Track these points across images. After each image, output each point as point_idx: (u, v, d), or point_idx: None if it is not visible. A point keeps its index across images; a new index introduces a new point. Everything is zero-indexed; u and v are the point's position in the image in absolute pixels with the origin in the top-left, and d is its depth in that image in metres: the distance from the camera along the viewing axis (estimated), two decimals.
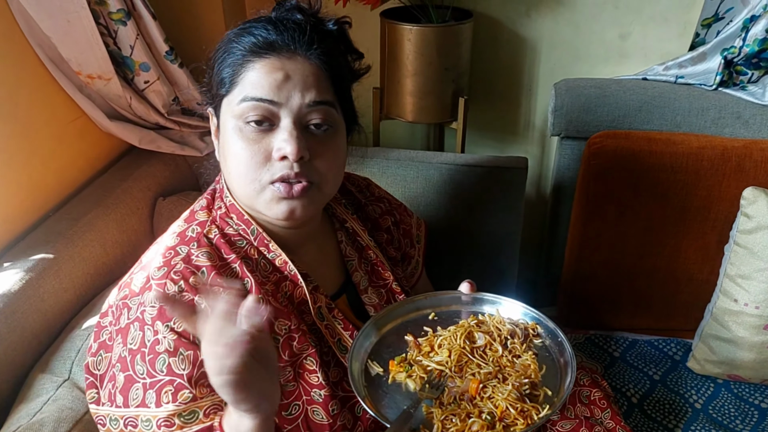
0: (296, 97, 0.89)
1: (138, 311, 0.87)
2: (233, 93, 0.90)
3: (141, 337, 0.85)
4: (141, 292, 0.88)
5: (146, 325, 0.85)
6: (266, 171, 0.89)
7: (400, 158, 1.51)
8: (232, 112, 0.90)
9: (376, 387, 0.92)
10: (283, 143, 0.88)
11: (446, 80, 1.55)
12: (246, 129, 0.89)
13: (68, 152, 1.37)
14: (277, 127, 0.89)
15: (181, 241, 0.93)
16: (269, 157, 0.89)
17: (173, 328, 0.85)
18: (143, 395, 0.84)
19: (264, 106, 0.88)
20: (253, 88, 0.88)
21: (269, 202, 0.91)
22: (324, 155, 0.92)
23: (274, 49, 0.89)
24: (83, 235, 1.26)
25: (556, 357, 0.98)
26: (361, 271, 1.08)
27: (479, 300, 1.07)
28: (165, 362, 0.84)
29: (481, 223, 1.51)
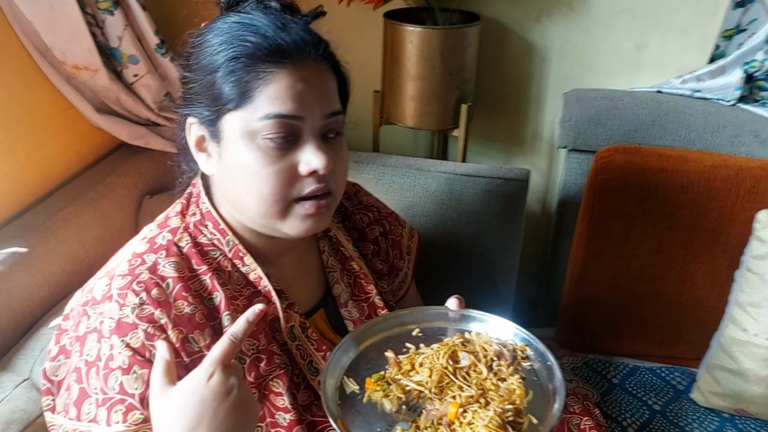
0: (317, 108, 0.84)
1: (97, 321, 0.82)
2: (246, 109, 0.82)
3: (97, 350, 0.81)
4: (102, 301, 0.83)
5: (103, 337, 0.81)
6: (293, 188, 0.85)
7: (396, 165, 1.45)
8: (247, 129, 0.82)
9: (349, 406, 0.86)
10: (312, 158, 0.83)
11: (449, 86, 1.48)
12: (267, 146, 0.82)
13: (54, 144, 1.33)
14: (300, 141, 0.84)
15: (149, 249, 0.88)
16: (295, 174, 0.84)
17: (129, 344, 0.80)
18: (95, 411, 0.80)
19: (289, 122, 0.82)
20: (274, 104, 0.81)
21: (295, 220, 0.87)
22: (340, 164, 0.89)
23: (287, 56, 0.82)
24: (59, 230, 1.22)
25: (544, 382, 0.91)
26: (342, 284, 1.03)
27: (467, 317, 1.00)
28: (118, 380, 0.80)
29: (479, 237, 1.44)
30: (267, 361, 0.88)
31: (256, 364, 0.87)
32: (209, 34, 0.85)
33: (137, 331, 0.80)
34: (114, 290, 0.83)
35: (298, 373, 0.92)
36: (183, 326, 0.83)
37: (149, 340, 0.80)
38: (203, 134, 0.88)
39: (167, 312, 0.82)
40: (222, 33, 0.84)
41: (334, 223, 1.07)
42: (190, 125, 0.89)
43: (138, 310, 0.81)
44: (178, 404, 0.73)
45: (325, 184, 0.86)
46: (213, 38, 0.84)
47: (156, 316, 0.81)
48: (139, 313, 0.81)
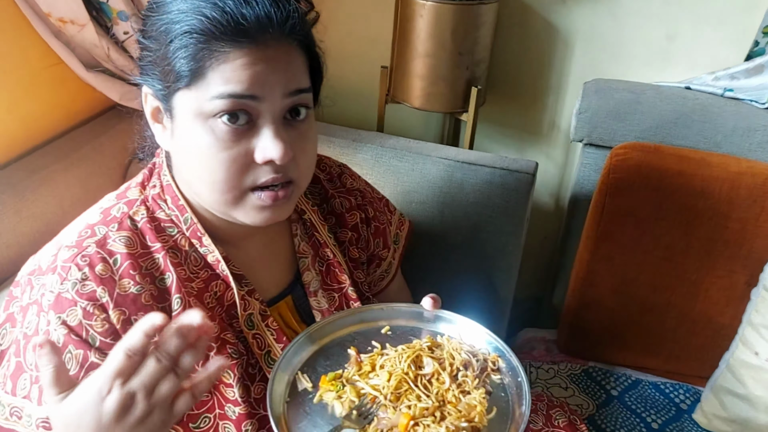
0: (278, 87, 0.76)
1: (39, 293, 0.77)
2: (198, 87, 0.74)
3: (36, 324, 0.76)
4: (46, 272, 0.78)
5: (42, 311, 0.76)
6: (247, 177, 0.77)
7: (396, 147, 1.37)
8: (199, 109, 0.75)
9: (298, 404, 0.81)
10: (268, 145, 0.76)
11: (460, 66, 1.39)
12: (219, 129, 0.75)
13: (40, 101, 1.28)
14: (256, 125, 0.76)
15: (102, 220, 0.82)
16: (250, 161, 0.77)
17: (65, 322, 0.75)
18: (29, 388, 0.76)
19: (244, 102, 0.74)
20: (228, 83, 0.73)
21: (249, 210, 0.80)
22: (304, 149, 0.81)
23: (245, 34, 0.73)
24: (37, 189, 1.17)
25: (512, 400, 0.83)
26: (313, 271, 0.96)
27: (440, 318, 0.93)
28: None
29: (478, 230, 1.35)
30: (217, 351, 0.83)
31: (205, 353, 0.82)
32: (168, 1, 0.77)
33: (75, 308, 0.75)
34: (59, 262, 0.78)
35: (254, 363, 0.87)
36: (126, 307, 0.77)
37: (87, 319, 0.75)
38: (158, 106, 0.81)
39: (110, 290, 0.77)
40: (181, 0, 0.75)
41: (310, 206, 0.99)
42: (145, 95, 0.82)
43: (79, 285, 0.76)
44: (74, 417, 0.64)
45: (282, 174, 0.79)
46: (170, 3, 0.76)
47: (98, 294, 0.76)
48: (79, 289, 0.76)
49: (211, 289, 0.85)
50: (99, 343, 0.76)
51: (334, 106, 0.99)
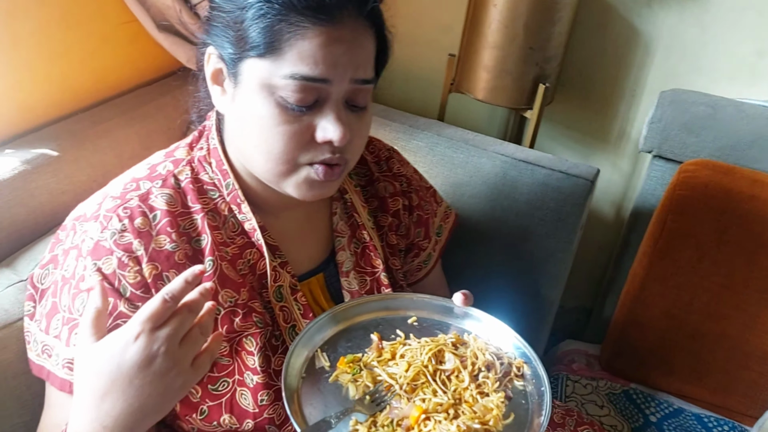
0: (348, 72, 0.76)
1: (80, 238, 0.80)
2: (272, 61, 0.75)
3: (74, 268, 0.79)
4: (90, 219, 0.81)
5: (81, 256, 0.78)
6: (305, 153, 0.79)
7: (452, 137, 1.34)
8: (269, 81, 0.75)
9: (313, 381, 0.81)
10: (330, 126, 0.77)
11: (529, 61, 1.34)
12: (285, 105, 0.76)
13: (112, 55, 1.31)
14: (322, 105, 0.77)
15: (148, 176, 0.84)
16: (309, 138, 0.78)
17: (100, 269, 0.77)
18: (61, 328, 0.78)
19: (316, 86, 0.75)
20: (304, 63, 0.74)
21: (301, 184, 0.81)
22: (359, 134, 0.82)
23: (325, 11, 0.73)
24: (97, 140, 1.21)
25: (532, 407, 0.80)
26: (348, 251, 0.95)
27: (470, 316, 0.91)
28: (83, 302, 0.77)
29: (528, 232, 1.31)
30: (243, 317, 0.83)
31: (230, 318, 0.82)
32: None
33: (111, 257, 0.77)
34: (102, 211, 0.80)
35: (277, 335, 0.87)
36: (159, 262, 0.79)
37: (121, 270, 0.77)
38: (222, 68, 0.81)
39: (146, 244, 0.78)
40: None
41: (353, 186, 0.98)
42: (209, 55, 0.82)
43: (117, 236, 0.78)
44: (96, 364, 0.66)
45: (339, 155, 0.80)
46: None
47: (134, 247, 0.78)
48: (117, 239, 0.78)
49: (245, 256, 0.86)
50: (129, 294, 0.77)
51: (390, 89, 0.97)
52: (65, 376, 0.78)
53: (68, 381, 0.78)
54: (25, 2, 1.11)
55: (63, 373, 0.78)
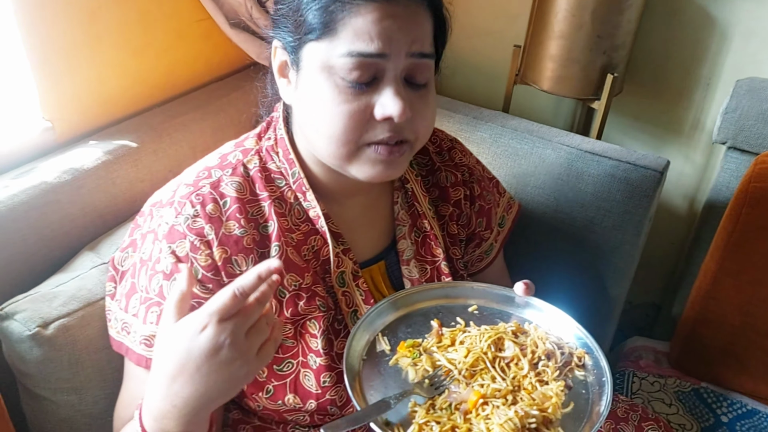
0: (403, 46, 0.77)
1: (156, 223, 0.85)
2: (329, 41, 0.77)
3: (150, 251, 0.84)
4: (165, 205, 0.86)
5: (157, 239, 0.83)
6: (364, 132, 0.80)
7: (517, 128, 1.33)
8: (327, 62, 0.78)
9: (374, 364, 0.83)
10: (388, 102, 0.78)
11: (596, 50, 1.32)
12: (343, 84, 0.77)
13: (186, 51, 1.37)
14: (379, 82, 0.78)
15: (219, 164, 0.89)
16: (369, 117, 0.79)
17: (174, 251, 0.81)
18: (138, 306, 0.83)
19: (372, 62, 0.76)
20: (359, 40, 0.75)
21: (364, 164, 0.82)
22: (422, 113, 0.82)
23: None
24: (174, 133, 1.27)
25: (592, 397, 0.79)
26: (408, 240, 0.97)
27: (531, 306, 0.90)
28: (159, 283, 0.82)
29: (594, 224, 1.29)
30: (307, 301, 0.86)
31: (295, 301, 0.86)
32: None
33: (185, 241, 0.82)
34: (177, 197, 0.85)
35: (340, 320, 0.89)
36: (229, 246, 0.83)
37: (193, 252, 0.81)
38: (286, 60, 0.84)
39: (216, 229, 0.82)
40: None
41: (414, 175, 1.00)
42: (275, 48, 0.86)
43: (190, 221, 0.82)
44: (171, 345, 0.69)
45: (398, 133, 0.80)
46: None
47: (205, 231, 0.82)
48: (190, 224, 0.82)
49: (309, 242, 0.89)
50: (201, 276, 0.81)
51: (454, 80, 0.98)
52: (142, 352, 0.83)
53: (144, 356, 0.83)
54: (107, 2, 1.17)
55: (140, 349, 0.83)
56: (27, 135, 1.13)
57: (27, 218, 1.04)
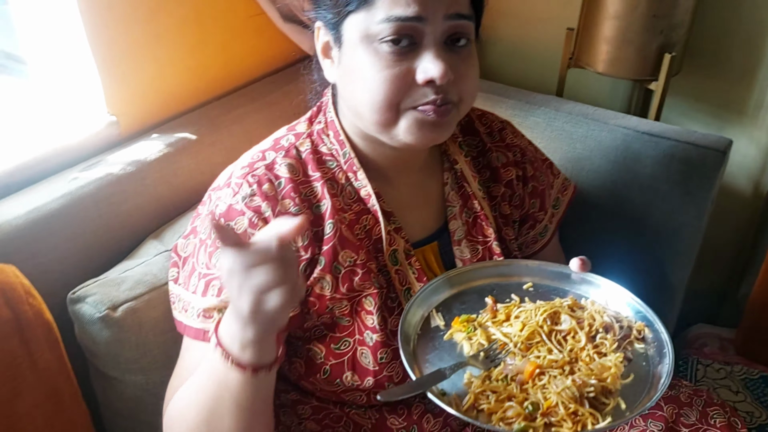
0: (440, 8, 0.78)
1: (214, 204, 0.88)
2: (367, 11, 0.80)
3: (209, 230, 0.86)
4: (222, 187, 0.89)
5: (215, 219, 0.86)
6: (407, 96, 0.81)
7: (571, 112, 1.31)
8: (366, 32, 0.80)
9: (428, 339, 0.84)
10: (429, 65, 0.79)
11: (653, 30, 1.29)
12: (383, 50, 0.79)
13: (241, 46, 1.42)
14: (419, 46, 0.80)
15: (272, 147, 0.92)
16: (411, 81, 0.80)
17: (233, 228, 0.84)
18: (197, 282, 0.86)
19: (408, 25, 0.78)
20: (396, 5, 0.77)
21: (410, 127, 0.82)
22: (465, 74, 0.83)
23: None
24: (231, 126, 1.31)
25: (653, 369, 0.78)
26: (460, 221, 0.97)
27: (587, 282, 0.89)
28: (219, 258, 0.83)
29: (653, 207, 1.26)
30: (362, 276, 0.87)
31: (350, 277, 0.87)
32: None
33: (243, 218, 0.84)
34: (233, 179, 0.88)
35: (393, 297, 0.90)
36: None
37: (251, 228, 0.84)
38: (328, 39, 0.87)
39: (273, 207, 0.85)
40: None
41: (463, 156, 1.00)
42: (317, 29, 0.88)
43: (248, 199, 0.85)
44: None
45: (443, 95, 0.80)
46: None
47: (262, 209, 0.85)
48: (248, 202, 0.85)
49: (361, 221, 0.90)
50: None
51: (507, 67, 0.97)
52: (200, 325, 0.85)
53: (202, 329, 0.85)
54: (166, 2, 1.22)
55: (198, 323, 0.85)
56: (93, 129, 1.19)
57: (96, 209, 1.10)
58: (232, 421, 0.77)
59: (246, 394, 0.75)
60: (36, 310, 0.94)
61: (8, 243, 0.99)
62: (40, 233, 1.03)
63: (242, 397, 0.75)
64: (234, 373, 0.73)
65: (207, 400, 0.78)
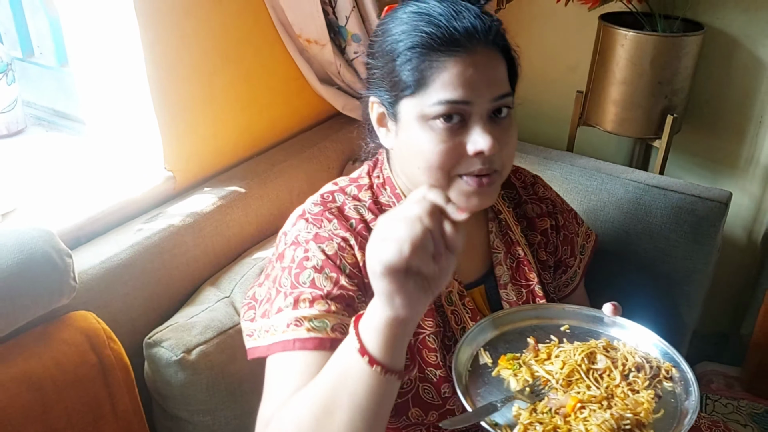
0: (485, 92, 0.89)
1: (293, 235, 0.95)
2: (421, 95, 0.89)
3: (292, 256, 0.92)
4: (296, 221, 0.96)
5: (299, 245, 0.93)
6: (459, 166, 0.90)
7: (585, 166, 1.44)
8: (421, 113, 0.90)
9: (478, 375, 0.91)
10: (479, 139, 0.88)
11: (657, 94, 1.43)
12: (437, 128, 0.89)
13: (283, 106, 1.54)
14: (468, 123, 0.90)
15: (339, 190, 1.01)
16: (462, 153, 0.90)
17: (324, 250, 0.91)
18: (284, 302, 0.89)
19: (459, 107, 0.88)
20: (445, 90, 0.88)
21: (459, 195, 0.92)
22: (507, 143, 0.93)
23: (458, 44, 0.88)
24: (275, 179, 1.41)
25: (680, 405, 0.88)
26: (504, 266, 1.06)
27: (620, 326, 0.99)
28: (310, 276, 0.90)
29: (664, 255, 1.38)
30: (426, 315, 0.95)
31: None
32: (390, 23, 0.93)
33: (332, 242, 0.92)
34: (308, 214, 0.96)
35: (450, 335, 0.98)
36: (364, 252, 0.88)
37: (341, 252, 0.91)
38: (383, 112, 0.97)
39: (354, 237, 0.93)
40: (401, 23, 0.92)
41: (506, 207, 1.10)
42: (372, 103, 0.98)
43: (333, 229, 0.93)
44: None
45: (489, 165, 0.90)
46: (393, 27, 0.93)
47: (347, 236, 0.93)
48: (333, 230, 0.93)
49: None
50: (348, 271, 0.91)
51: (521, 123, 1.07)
52: (290, 336, 0.86)
53: (292, 339, 0.86)
54: (222, 66, 1.34)
55: (287, 335, 0.86)
56: (151, 183, 1.29)
57: (161, 258, 1.18)
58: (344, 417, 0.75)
59: (366, 394, 0.74)
60: (117, 354, 1.02)
61: (84, 292, 1.05)
62: (112, 282, 1.10)
63: (362, 396, 0.74)
64: (361, 366, 0.73)
65: (324, 391, 0.76)
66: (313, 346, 0.85)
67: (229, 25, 1.33)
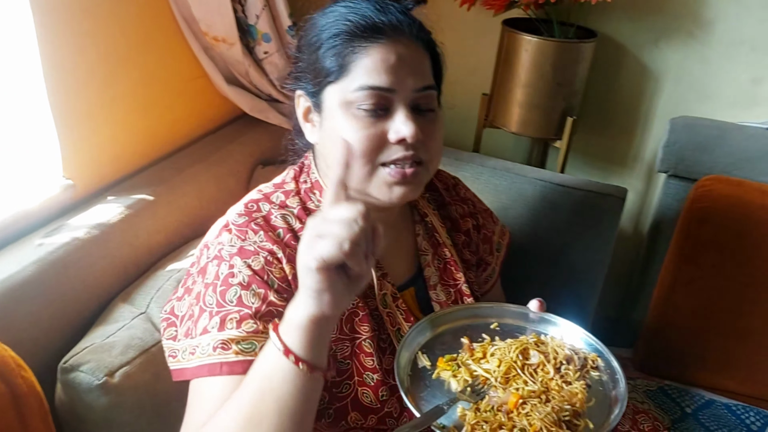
0: (409, 81, 0.90)
1: (216, 249, 0.91)
2: (344, 81, 0.90)
3: (216, 272, 0.89)
4: (219, 234, 0.93)
5: (224, 261, 0.89)
6: (381, 153, 0.90)
7: (495, 167, 1.49)
8: (344, 99, 0.90)
9: (419, 379, 0.92)
10: (401, 126, 0.89)
11: (557, 96, 1.52)
12: (360, 115, 0.89)
13: (185, 108, 1.46)
14: (391, 112, 0.90)
15: (264, 199, 0.98)
16: (384, 141, 0.90)
17: (250, 265, 0.88)
18: (209, 322, 0.87)
19: (381, 94, 0.89)
20: (368, 76, 0.88)
21: (382, 185, 0.92)
22: (432, 135, 0.94)
23: (382, 33, 0.89)
24: (183, 185, 1.35)
25: (608, 392, 0.94)
26: (433, 267, 1.08)
27: (546, 320, 1.04)
28: (236, 293, 0.87)
29: (568, 247, 1.46)
30: (362, 318, 0.95)
31: (352, 318, 0.94)
32: (319, 17, 0.94)
33: (258, 257, 0.89)
34: (232, 225, 0.92)
35: (385, 338, 0.98)
36: (293, 265, 0.90)
37: (268, 266, 0.89)
38: (309, 105, 0.96)
39: (282, 250, 0.91)
40: (327, 16, 0.93)
41: (431, 209, 1.12)
42: (298, 97, 0.98)
43: (259, 242, 0.90)
44: None
45: (413, 152, 0.90)
46: (319, 20, 0.94)
47: (274, 250, 0.90)
48: (260, 244, 0.90)
49: None
50: (276, 286, 0.89)
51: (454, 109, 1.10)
52: (216, 359, 0.85)
53: (218, 363, 0.84)
54: (119, 67, 1.26)
55: (213, 358, 0.85)
56: (49, 193, 1.18)
57: (66, 274, 1.09)
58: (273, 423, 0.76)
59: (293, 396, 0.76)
60: (29, 382, 0.92)
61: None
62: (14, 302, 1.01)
63: (288, 398, 0.76)
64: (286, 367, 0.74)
65: (249, 401, 0.77)
66: (242, 369, 0.83)
67: (129, 22, 1.25)
